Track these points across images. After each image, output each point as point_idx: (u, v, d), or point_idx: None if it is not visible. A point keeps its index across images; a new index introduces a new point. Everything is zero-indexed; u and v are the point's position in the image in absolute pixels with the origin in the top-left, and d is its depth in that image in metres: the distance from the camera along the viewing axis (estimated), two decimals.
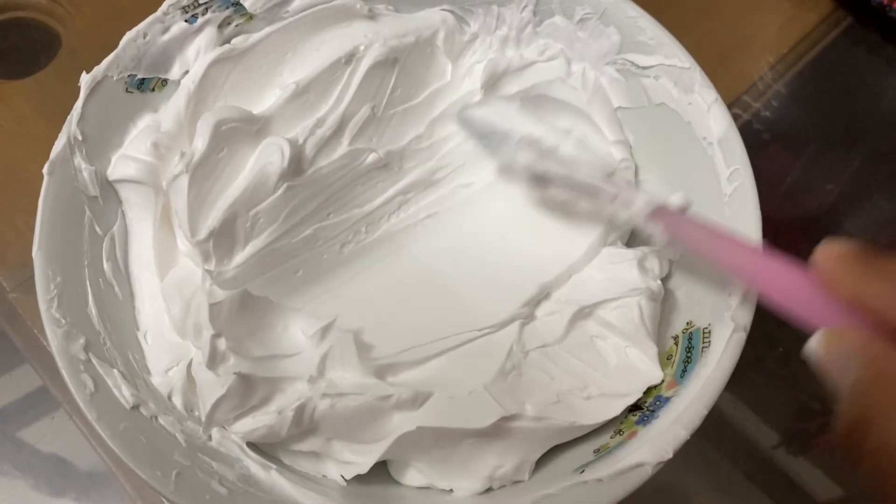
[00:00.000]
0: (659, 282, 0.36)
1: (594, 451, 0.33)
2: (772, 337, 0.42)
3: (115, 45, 0.37)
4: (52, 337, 0.32)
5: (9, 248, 0.45)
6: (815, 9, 0.56)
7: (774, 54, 0.54)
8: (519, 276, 0.38)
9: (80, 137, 0.36)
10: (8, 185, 0.47)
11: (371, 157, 0.40)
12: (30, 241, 0.33)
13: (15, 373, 0.44)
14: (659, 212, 0.33)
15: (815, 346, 0.25)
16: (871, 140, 0.53)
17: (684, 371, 0.33)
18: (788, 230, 0.49)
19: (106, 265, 0.36)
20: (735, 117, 0.37)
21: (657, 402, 0.33)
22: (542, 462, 0.34)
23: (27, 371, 0.43)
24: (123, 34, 0.37)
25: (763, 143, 0.51)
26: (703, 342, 0.33)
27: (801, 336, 0.29)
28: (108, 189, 0.37)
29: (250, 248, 0.37)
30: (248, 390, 0.32)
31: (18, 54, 0.52)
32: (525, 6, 0.42)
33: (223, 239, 0.36)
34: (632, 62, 0.40)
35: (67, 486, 0.41)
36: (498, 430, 0.32)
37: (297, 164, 0.37)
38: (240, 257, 0.37)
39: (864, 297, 0.24)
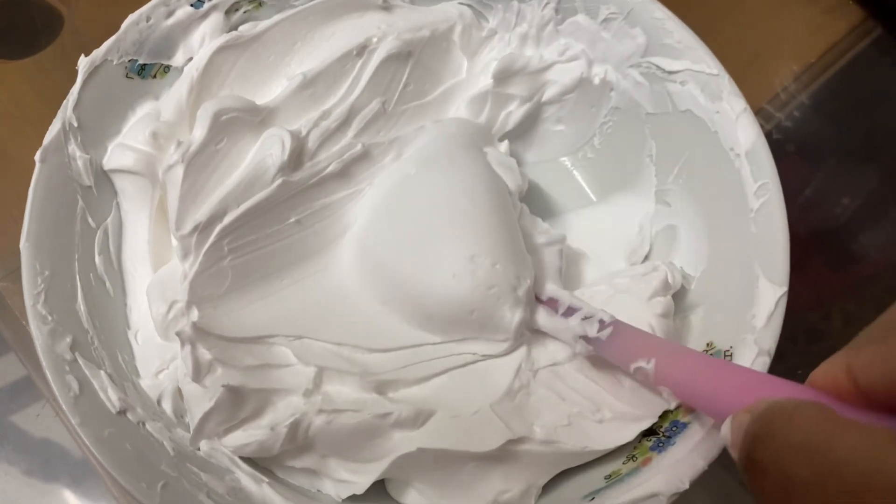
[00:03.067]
0: (670, 297, 0.34)
1: (605, 478, 0.31)
2: (779, 350, 0.40)
3: (119, 28, 0.35)
4: (38, 334, 0.30)
5: (2, 237, 0.43)
6: (845, 17, 0.53)
7: (800, 63, 0.52)
8: None
9: (75, 124, 0.34)
10: (3, 170, 0.45)
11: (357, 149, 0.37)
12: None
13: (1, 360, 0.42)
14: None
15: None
16: (891, 153, 0.52)
17: None
18: (803, 242, 0.48)
19: (98, 259, 0.34)
20: None
21: (673, 428, 0.31)
22: (549, 487, 0.32)
23: (13, 360, 0.42)
24: (128, 17, 0.36)
25: (783, 155, 0.49)
26: None
27: (806, 350, 0.27)
28: (104, 179, 0.35)
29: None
30: (239, 402, 0.31)
31: (18, 33, 0.50)
32: (547, 3, 0.40)
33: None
34: (657, 66, 0.38)
35: (60, 471, 0.40)
36: (504, 454, 0.30)
37: (297, 158, 0.36)
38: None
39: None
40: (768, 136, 0.49)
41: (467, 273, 0.33)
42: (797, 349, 0.31)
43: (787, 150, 0.50)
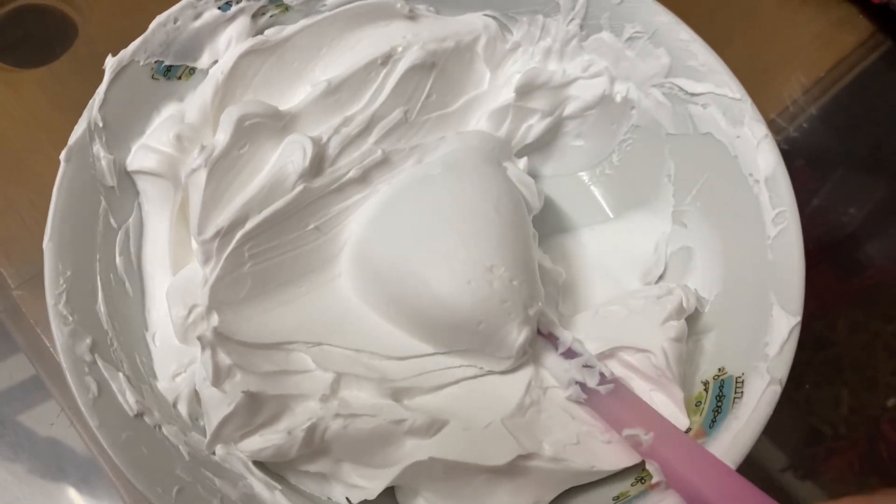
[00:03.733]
0: (683, 321, 0.35)
1: (613, 498, 0.31)
2: None
3: (133, 38, 0.35)
4: (58, 335, 0.31)
5: (14, 244, 0.43)
6: (854, 31, 0.54)
7: (809, 76, 0.52)
8: None
9: (100, 124, 0.34)
10: (17, 177, 0.45)
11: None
12: (37, 237, 0.32)
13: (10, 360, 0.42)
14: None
15: None
16: None
17: (713, 421, 0.32)
18: (810, 251, 0.48)
19: (118, 260, 0.34)
20: None
21: None
22: None
23: (23, 360, 0.42)
24: (142, 27, 0.36)
25: (792, 166, 0.49)
26: (736, 392, 0.32)
27: (812, 358, 0.27)
28: (126, 180, 0.36)
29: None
30: (257, 408, 0.31)
31: (33, 42, 0.50)
32: (572, 18, 0.40)
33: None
34: (680, 87, 0.38)
35: (66, 471, 0.40)
36: (513, 469, 0.31)
37: (318, 164, 0.36)
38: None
39: None
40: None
41: (484, 282, 0.33)
42: (803, 357, 0.31)
43: (795, 161, 0.50)
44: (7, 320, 0.42)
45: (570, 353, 0.34)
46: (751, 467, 0.41)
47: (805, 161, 0.34)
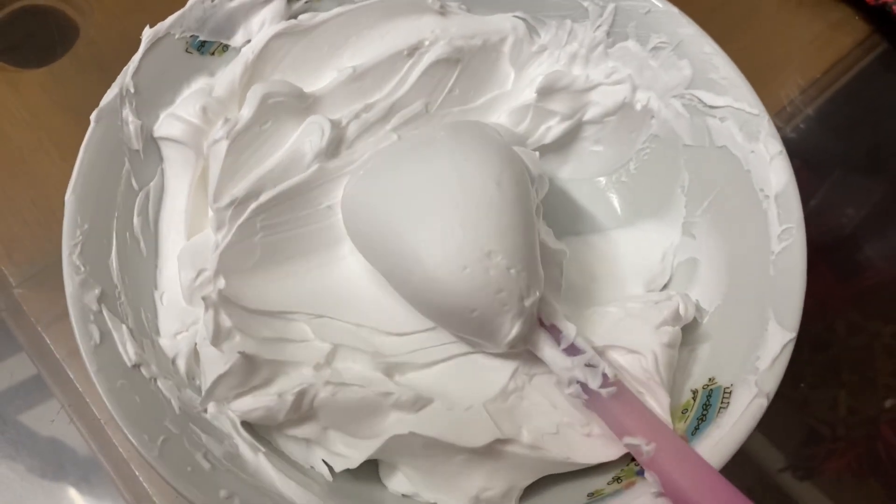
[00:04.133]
0: (678, 328, 0.35)
1: (588, 495, 0.32)
2: None
3: (135, 39, 0.36)
4: (69, 283, 0.32)
5: (16, 242, 0.44)
6: (851, 33, 0.54)
7: (806, 77, 0.53)
8: None
9: (132, 90, 0.36)
10: (18, 176, 0.46)
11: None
12: (38, 236, 0.34)
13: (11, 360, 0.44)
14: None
15: None
16: (894, 166, 0.53)
17: (696, 429, 0.32)
18: (808, 252, 0.49)
19: (136, 220, 0.36)
20: None
21: None
22: (531, 494, 0.33)
23: (24, 359, 0.43)
24: (143, 28, 0.37)
25: None
26: (722, 403, 0.32)
27: (811, 359, 0.27)
28: (152, 145, 0.37)
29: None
30: (251, 370, 0.32)
31: (34, 43, 0.51)
32: (599, 25, 0.40)
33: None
34: (700, 99, 0.38)
35: (67, 470, 0.41)
36: (490, 452, 0.31)
37: (335, 146, 0.37)
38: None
39: None
40: None
41: (480, 269, 0.32)
42: (801, 358, 0.31)
43: (792, 162, 0.50)
44: (8, 318, 0.43)
45: (572, 350, 0.33)
46: (749, 467, 0.42)
47: (802, 162, 0.34)
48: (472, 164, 0.33)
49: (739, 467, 0.42)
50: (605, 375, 0.32)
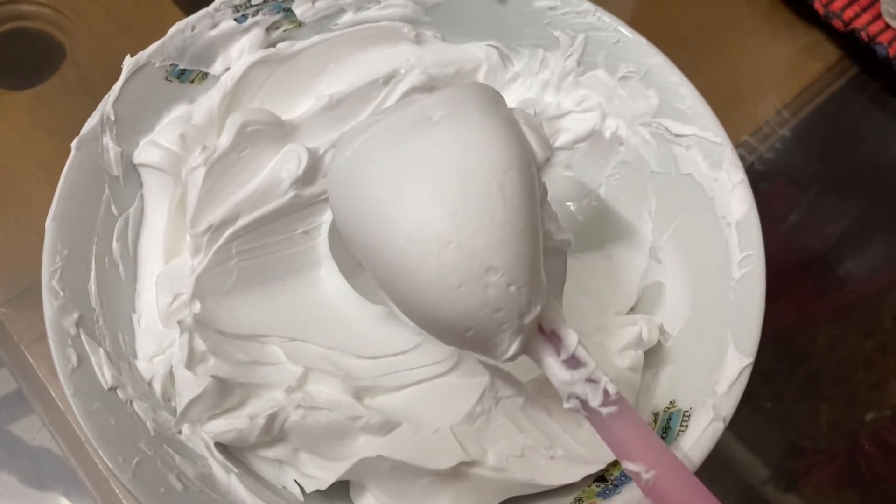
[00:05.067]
0: (641, 352, 0.36)
1: None
2: (765, 373, 0.42)
3: (120, 61, 0.37)
4: (48, 308, 0.33)
5: (1, 262, 0.45)
6: (822, 58, 0.56)
7: (781, 100, 0.54)
8: None
9: (112, 118, 0.37)
10: (3, 197, 0.47)
11: None
12: (23, 255, 0.34)
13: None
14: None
15: None
16: (872, 185, 0.54)
17: None
18: (790, 268, 0.49)
19: (115, 245, 0.37)
20: (740, 159, 0.37)
21: (622, 478, 0.32)
22: None
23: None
24: (129, 51, 0.38)
25: (766, 185, 0.52)
26: (681, 426, 0.33)
27: (792, 372, 0.28)
28: (132, 171, 0.38)
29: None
30: (225, 393, 0.33)
31: (21, 65, 0.52)
32: (570, 55, 0.41)
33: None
34: (666, 128, 0.39)
35: (57, 480, 0.42)
36: (456, 474, 0.32)
37: (312, 174, 0.38)
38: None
39: None
40: (751, 167, 0.51)
41: (478, 288, 0.28)
42: (783, 371, 0.32)
43: (773, 179, 0.52)
44: None
45: (572, 362, 0.30)
46: (733, 480, 0.43)
47: (781, 180, 0.35)
48: (474, 161, 0.29)
49: (723, 480, 0.43)
50: (606, 392, 0.29)
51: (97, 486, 0.41)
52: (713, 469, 0.31)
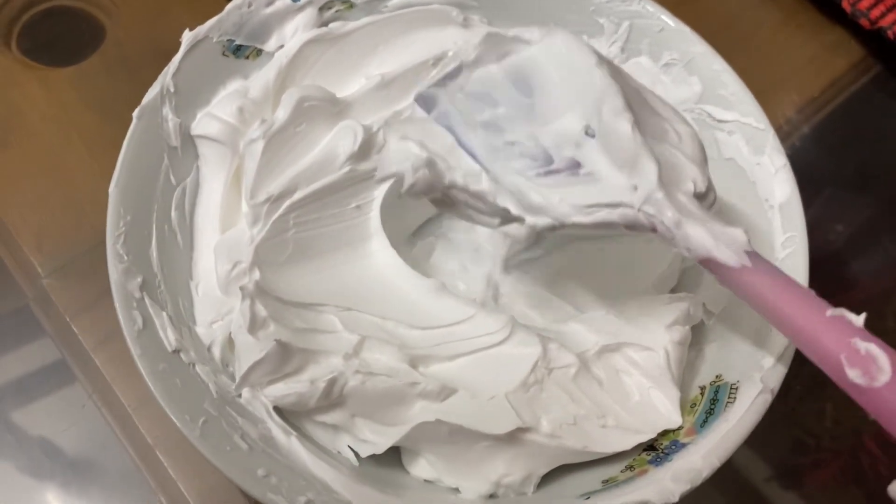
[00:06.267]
0: (688, 328, 0.37)
1: (602, 482, 0.33)
2: None
3: (160, 42, 0.39)
4: (113, 270, 0.34)
5: (46, 234, 0.46)
6: (846, 55, 0.57)
7: (803, 97, 0.55)
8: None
9: (172, 90, 0.38)
10: (48, 172, 0.47)
11: None
12: (67, 229, 0.35)
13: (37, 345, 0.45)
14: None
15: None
16: (885, 185, 0.55)
17: (705, 422, 0.34)
18: None
19: (174, 213, 0.37)
20: None
21: (673, 447, 0.33)
22: (549, 481, 0.34)
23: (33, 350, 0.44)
24: (167, 31, 0.39)
25: None
26: (729, 398, 0.34)
27: (801, 372, 0.29)
28: (189, 142, 0.39)
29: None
30: (285, 358, 0.33)
31: (64, 42, 0.52)
32: (614, 41, 0.42)
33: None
34: (709, 113, 0.41)
35: (55, 470, 0.42)
36: (511, 439, 0.33)
37: (366, 150, 0.39)
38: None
39: None
40: None
41: None
42: (790, 371, 0.33)
43: None
44: (36, 307, 0.45)
45: None
46: (736, 476, 0.43)
47: (797, 178, 0.37)
48: None
49: (725, 477, 0.43)
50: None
51: (143, 456, 0.41)
52: (715, 473, 0.32)
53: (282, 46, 0.41)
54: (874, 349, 0.27)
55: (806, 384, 0.45)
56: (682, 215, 0.30)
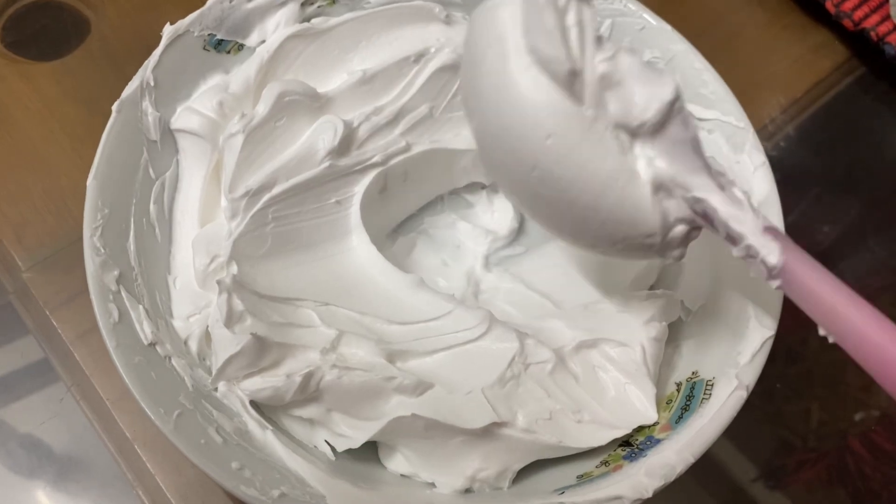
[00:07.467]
0: (665, 324, 0.37)
1: (577, 477, 0.33)
2: None
3: (144, 36, 0.39)
4: (90, 263, 0.33)
5: (27, 228, 0.46)
6: (831, 56, 0.57)
7: (788, 97, 0.56)
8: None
9: (152, 83, 0.38)
10: (30, 165, 0.47)
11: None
12: (48, 223, 0.35)
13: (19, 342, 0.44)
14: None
15: None
16: (870, 186, 0.55)
17: (680, 418, 0.34)
18: None
19: (152, 207, 0.37)
20: None
21: (648, 442, 0.33)
22: (524, 476, 0.34)
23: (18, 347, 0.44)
24: (153, 26, 0.38)
25: None
26: (705, 394, 0.34)
27: (784, 372, 0.29)
28: (168, 136, 0.39)
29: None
30: (261, 352, 0.33)
31: (48, 37, 0.52)
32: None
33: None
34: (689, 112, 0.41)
35: (43, 467, 0.42)
36: (487, 434, 0.33)
37: (346, 145, 0.39)
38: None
39: None
40: None
41: None
42: (775, 371, 0.33)
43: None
44: (16, 301, 0.45)
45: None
46: (722, 476, 0.43)
47: (782, 179, 0.37)
48: None
49: (710, 478, 0.44)
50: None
51: (120, 449, 0.41)
52: (702, 465, 0.32)
53: (263, 41, 0.41)
54: None
55: (791, 385, 0.46)
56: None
